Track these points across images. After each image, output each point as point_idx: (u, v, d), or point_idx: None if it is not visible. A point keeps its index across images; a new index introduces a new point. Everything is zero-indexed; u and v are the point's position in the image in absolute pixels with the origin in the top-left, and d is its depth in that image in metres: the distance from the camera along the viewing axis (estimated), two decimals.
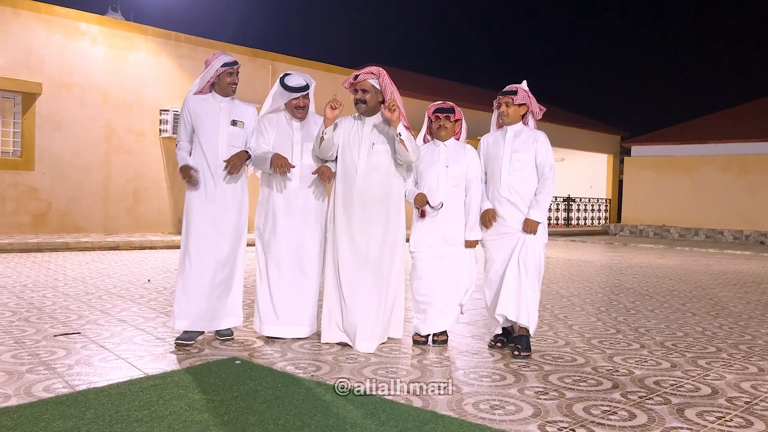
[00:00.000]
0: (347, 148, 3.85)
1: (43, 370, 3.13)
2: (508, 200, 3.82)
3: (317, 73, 13.84)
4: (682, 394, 3.06)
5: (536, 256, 3.80)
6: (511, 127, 3.92)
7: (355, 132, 3.86)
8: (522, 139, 3.87)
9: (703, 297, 6.48)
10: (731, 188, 17.36)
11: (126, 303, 5.06)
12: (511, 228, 3.81)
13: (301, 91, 3.89)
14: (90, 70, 10.70)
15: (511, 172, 3.82)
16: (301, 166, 3.89)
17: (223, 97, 3.88)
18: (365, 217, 3.77)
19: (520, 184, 3.81)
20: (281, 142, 3.90)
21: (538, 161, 3.83)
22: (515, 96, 3.86)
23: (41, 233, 10.07)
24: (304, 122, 3.99)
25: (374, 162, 3.79)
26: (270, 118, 3.96)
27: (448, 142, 4.00)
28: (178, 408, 2.60)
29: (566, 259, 10.42)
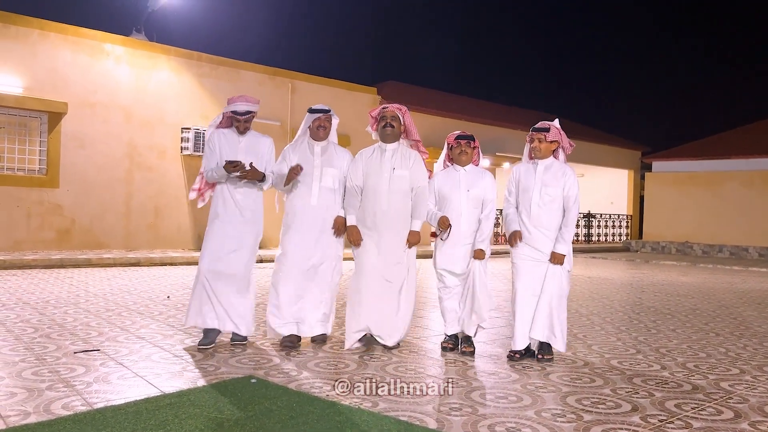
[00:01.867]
0: (371, 174, 4.34)
1: (62, 387, 3.17)
2: (538, 229, 4.14)
3: (337, 91, 14.00)
4: (704, 417, 2.99)
5: (562, 283, 4.14)
6: (542, 162, 4.21)
7: (377, 159, 4.38)
8: (551, 173, 4.17)
9: (727, 316, 6.35)
10: (755, 204, 17.06)
11: (145, 320, 5.11)
12: (539, 254, 4.13)
13: (322, 112, 4.43)
14: (114, 90, 10.94)
15: (541, 205, 4.14)
16: (320, 188, 4.36)
17: (241, 134, 4.39)
18: (389, 233, 4.28)
19: (548, 216, 4.13)
20: (304, 165, 4.34)
21: (565, 194, 4.14)
22: (548, 133, 4.15)
23: (65, 249, 10.25)
24: (325, 148, 4.47)
25: (395, 185, 4.30)
26: (294, 145, 4.50)
27: (468, 167, 4.41)
28: (193, 428, 2.62)
29: (586, 277, 10.30)
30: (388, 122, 4.36)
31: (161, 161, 11.46)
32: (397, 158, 4.35)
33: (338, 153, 4.49)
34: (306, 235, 4.32)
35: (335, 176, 4.40)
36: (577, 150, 19.12)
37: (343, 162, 4.46)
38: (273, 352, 4.09)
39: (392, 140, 4.39)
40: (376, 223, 4.28)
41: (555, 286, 4.09)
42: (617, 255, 16.75)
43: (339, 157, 4.47)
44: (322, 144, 4.46)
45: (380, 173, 4.32)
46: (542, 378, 3.66)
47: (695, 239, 17.97)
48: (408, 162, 4.37)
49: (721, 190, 17.69)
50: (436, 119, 16.04)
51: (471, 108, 18.59)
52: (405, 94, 16.86)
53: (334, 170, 4.41)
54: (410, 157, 4.39)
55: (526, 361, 4.09)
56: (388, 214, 4.28)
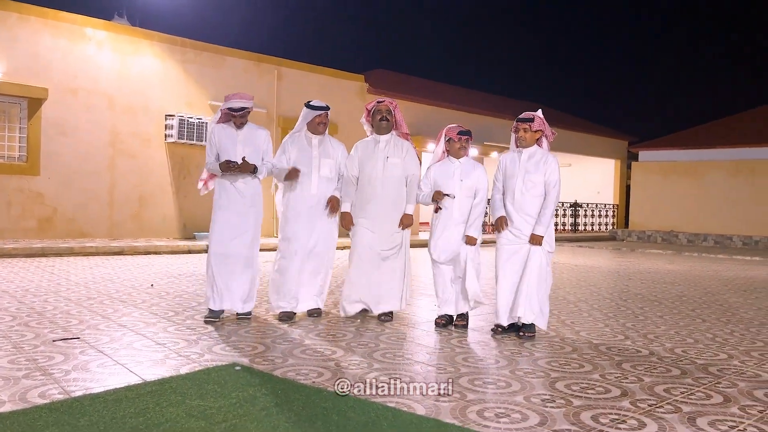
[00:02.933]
0: (366, 162, 4.77)
1: (39, 375, 3.08)
2: (520, 214, 4.38)
3: (324, 79, 13.85)
4: (693, 401, 2.97)
5: (542, 263, 4.34)
6: (527, 150, 4.44)
7: (372, 149, 4.81)
8: (534, 161, 4.39)
9: (713, 303, 6.37)
10: (739, 193, 17.20)
11: (128, 308, 5.01)
12: (521, 238, 4.37)
13: (322, 110, 4.80)
14: (95, 76, 10.73)
15: (524, 192, 4.37)
16: (318, 177, 4.77)
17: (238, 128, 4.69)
18: (383, 216, 4.71)
19: (530, 202, 4.36)
20: (303, 157, 4.76)
21: (546, 181, 4.35)
22: (532, 123, 4.37)
23: (47, 238, 10.08)
24: (322, 140, 4.86)
25: (389, 172, 4.73)
26: (293, 138, 4.87)
27: (462, 159, 4.72)
28: (175, 415, 2.54)
29: (573, 265, 10.32)
30: (384, 116, 4.76)
31: (145, 149, 11.29)
32: (391, 148, 4.77)
33: (333, 144, 4.92)
34: (306, 221, 4.75)
35: (332, 166, 4.83)
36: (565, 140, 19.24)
37: (338, 152, 4.90)
38: (258, 340, 4.02)
39: (386, 132, 4.80)
40: (372, 207, 4.72)
41: (535, 266, 4.30)
42: (603, 244, 16.83)
43: (335, 148, 4.90)
44: (319, 137, 4.84)
45: (375, 162, 4.74)
46: (531, 363, 3.63)
47: (680, 228, 18.10)
48: (401, 151, 4.78)
49: (707, 180, 17.81)
50: (424, 108, 15.96)
51: (459, 97, 18.52)
52: (393, 83, 16.75)
53: (331, 161, 4.83)
54: (403, 148, 4.80)
55: (515, 347, 4.06)
56: (382, 198, 4.71)
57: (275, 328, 4.42)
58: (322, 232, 4.80)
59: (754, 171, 17.04)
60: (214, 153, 4.66)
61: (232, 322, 4.57)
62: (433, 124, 15.67)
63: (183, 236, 11.60)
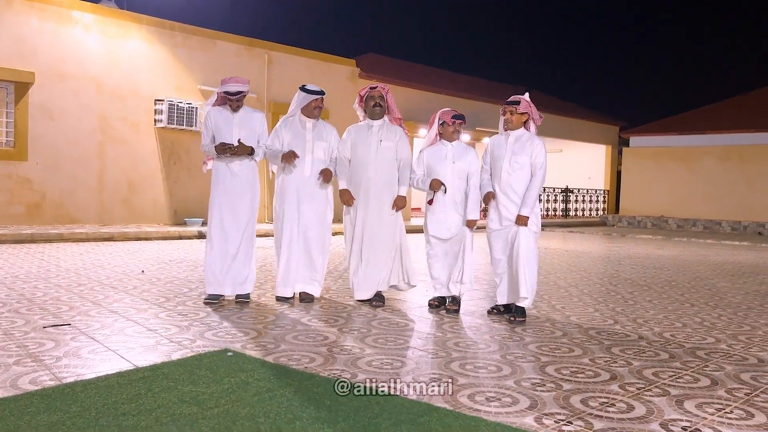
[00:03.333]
0: (359, 146, 4.85)
1: (30, 362, 3.07)
2: (506, 196, 4.49)
3: (315, 63, 13.75)
4: (681, 385, 3.01)
5: (529, 243, 4.45)
6: (514, 132, 4.55)
7: (364, 133, 4.88)
8: (521, 143, 4.50)
9: (702, 288, 6.44)
10: (730, 179, 17.32)
11: (119, 294, 5.00)
12: (508, 220, 4.50)
13: (319, 94, 4.85)
14: (83, 60, 10.59)
15: (510, 172, 4.48)
16: (312, 160, 4.84)
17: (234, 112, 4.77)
18: (377, 199, 4.79)
19: (517, 183, 4.47)
20: (297, 140, 4.83)
21: (532, 163, 4.46)
22: (518, 106, 4.49)
23: (35, 224, 10.00)
24: (316, 124, 4.92)
25: (381, 155, 4.81)
26: (287, 122, 4.93)
27: (455, 143, 4.84)
28: (167, 401, 2.55)
29: (564, 250, 10.38)
30: (377, 102, 4.83)
31: (135, 134, 11.18)
32: (383, 132, 4.85)
33: (326, 128, 4.99)
34: (301, 203, 4.83)
35: (326, 149, 4.90)
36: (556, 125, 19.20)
37: (331, 136, 4.97)
38: (250, 325, 4.03)
39: (379, 117, 4.89)
40: (365, 190, 4.80)
41: (523, 246, 4.42)
42: (594, 229, 16.92)
43: (328, 131, 4.97)
44: (313, 120, 4.91)
45: (368, 145, 4.82)
46: (521, 348, 3.65)
47: (670, 214, 18.22)
48: (393, 136, 4.86)
49: (697, 166, 17.91)
50: (416, 93, 15.89)
51: (451, 82, 18.44)
52: (384, 67, 16.65)
53: (325, 143, 4.90)
54: (395, 132, 4.89)
55: (506, 332, 4.09)
56: (375, 181, 4.80)
57: (267, 314, 4.43)
58: (315, 213, 4.88)
59: (743, 156, 17.15)
60: (210, 136, 4.75)
61: (224, 307, 4.57)
62: (425, 109, 15.62)
63: (173, 222, 11.55)
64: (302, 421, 2.37)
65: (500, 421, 2.45)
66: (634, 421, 2.51)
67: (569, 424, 2.46)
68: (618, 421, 2.50)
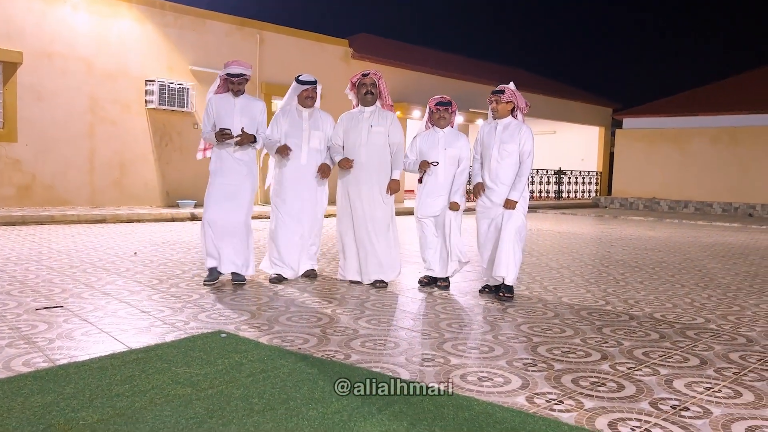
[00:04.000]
0: (351, 131, 4.92)
1: (23, 344, 3.06)
2: (495, 182, 4.62)
3: (307, 43, 13.61)
4: (671, 365, 3.05)
5: (517, 224, 4.56)
6: (502, 121, 4.66)
7: (357, 119, 4.94)
8: (509, 132, 4.62)
9: (692, 269, 6.49)
10: (721, 160, 17.39)
11: (111, 276, 4.99)
12: (497, 204, 4.62)
13: (309, 84, 4.94)
14: (72, 39, 10.43)
15: (499, 160, 4.60)
16: (308, 149, 4.96)
17: (236, 97, 4.80)
18: (369, 183, 4.84)
19: (505, 170, 4.59)
20: (293, 129, 4.96)
21: (520, 150, 4.58)
22: (502, 95, 4.62)
23: (26, 206, 9.93)
24: (312, 113, 5.03)
25: (373, 139, 4.87)
26: (284, 111, 5.04)
27: (446, 129, 4.97)
28: (161, 382, 2.56)
29: (556, 232, 10.42)
30: (369, 89, 4.89)
31: (125, 115, 11.07)
32: (375, 117, 4.92)
33: (323, 117, 5.08)
34: (297, 190, 4.96)
35: (321, 138, 5.01)
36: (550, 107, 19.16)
37: (327, 125, 5.06)
38: (244, 307, 4.03)
39: (371, 104, 4.94)
40: (357, 174, 4.87)
41: (512, 229, 4.52)
42: (586, 211, 16.99)
43: (324, 120, 5.07)
44: (309, 110, 5.01)
45: (359, 130, 4.89)
46: (514, 329, 3.68)
47: (662, 195, 18.30)
48: (385, 121, 4.91)
49: (689, 147, 17.96)
50: (409, 73, 15.79)
51: (444, 63, 18.33)
52: (377, 48, 16.50)
53: (321, 133, 5.01)
54: (387, 117, 4.94)
55: (499, 313, 4.12)
56: (367, 165, 4.85)
57: (260, 295, 4.43)
58: (311, 200, 5.02)
59: (735, 138, 17.20)
60: (211, 123, 4.78)
61: (217, 289, 4.58)
62: (418, 90, 15.54)
63: (166, 204, 11.50)
64: (296, 401, 2.39)
65: (492, 401, 2.47)
66: (624, 400, 2.54)
67: (560, 403, 2.49)
68: (608, 400, 2.54)
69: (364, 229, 4.87)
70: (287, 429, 2.14)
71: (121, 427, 2.11)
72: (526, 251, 7.49)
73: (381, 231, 4.88)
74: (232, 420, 2.20)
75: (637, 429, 2.26)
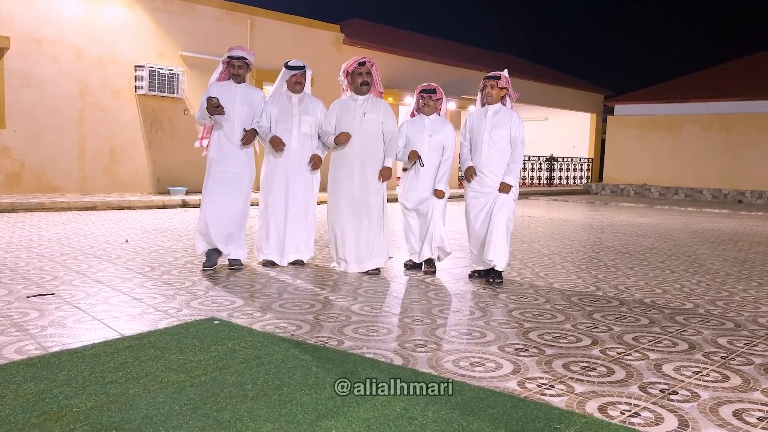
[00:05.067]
0: (344, 118, 4.89)
1: (15, 331, 3.06)
2: (487, 167, 4.65)
3: (299, 29, 13.50)
4: (660, 349, 3.09)
5: (510, 210, 4.63)
6: (492, 107, 4.70)
7: (350, 107, 4.92)
8: (500, 117, 4.66)
9: (682, 255, 6.55)
10: (712, 147, 17.48)
11: (102, 263, 4.97)
12: (489, 188, 4.66)
13: (298, 69, 4.95)
14: (61, 25, 10.29)
15: (491, 145, 4.64)
16: (299, 134, 4.97)
17: (237, 84, 4.88)
18: (361, 169, 4.84)
19: (497, 155, 4.63)
20: (283, 115, 4.96)
21: (512, 136, 4.62)
22: (498, 81, 4.64)
23: (15, 193, 9.85)
24: (302, 99, 5.04)
25: (365, 126, 4.86)
26: (274, 98, 5.03)
27: (432, 116, 5.04)
28: (154, 369, 2.56)
29: (548, 218, 10.47)
30: (365, 80, 4.86)
31: (115, 101, 10.97)
32: (368, 105, 4.90)
33: (313, 102, 5.08)
34: (288, 175, 4.96)
35: (312, 123, 5.01)
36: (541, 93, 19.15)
37: (317, 110, 5.06)
38: (236, 294, 4.04)
39: (366, 93, 4.93)
40: (350, 161, 4.86)
41: (504, 214, 4.58)
42: (578, 197, 17.06)
43: (314, 105, 5.07)
44: (299, 95, 5.02)
45: (352, 117, 4.87)
46: (505, 314, 3.71)
47: (653, 182, 18.40)
48: (378, 108, 4.91)
49: (680, 134, 18.03)
50: (401, 59, 15.71)
51: (437, 49, 18.24)
52: (369, 33, 16.39)
53: (311, 117, 5.01)
54: (380, 105, 4.94)
55: (490, 299, 4.15)
56: (360, 153, 4.85)
57: (253, 282, 4.44)
58: (302, 186, 5.03)
59: (726, 125, 17.28)
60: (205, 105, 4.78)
61: (210, 276, 4.58)
62: (410, 77, 15.47)
63: (157, 191, 11.44)
64: (289, 387, 2.41)
65: (484, 386, 2.50)
66: (614, 385, 2.58)
67: (551, 387, 2.52)
68: (598, 385, 2.57)
69: (356, 216, 4.86)
70: (281, 415, 2.15)
71: (114, 414, 2.12)
72: (517, 238, 7.52)
73: (373, 218, 4.88)
74: (226, 406, 2.21)
75: (626, 412, 2.29)
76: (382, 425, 2.08)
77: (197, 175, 10.85)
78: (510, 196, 4.61)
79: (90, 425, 2.03)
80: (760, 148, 16.72)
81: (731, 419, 2.26)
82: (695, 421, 2.23)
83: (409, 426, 2.08)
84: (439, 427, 2.08)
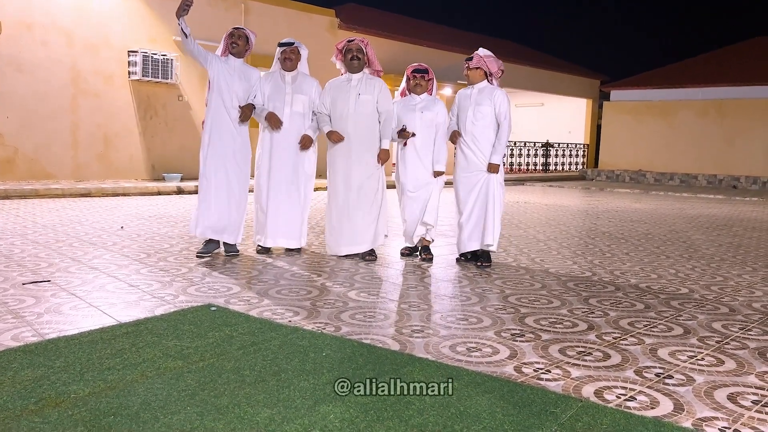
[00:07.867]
0: (338, 100, 4.85)
1: (11, 318, 3.05)
2: (471, 144, 4.73)
3: (293, 13, 13.39)
4: (656, 334, 3.11)
5: (499, 190, 4.71)
6: (477, 85, 4.78)
7: (344, 87, 4.87)
8: (484, 95, 4.73)
9: (677, 240, 6.58)
10: (708, 133, 17.50)
11: (98, 250, 4.95)
12: (475, 167, 4.72)
13: (288, 45, 4.90)
14: (52, 9, 10.17)
15: (474, 122, 4.71)
16: (291, 112, 4.89)
17: (236, 59, 4.87)
18: (357, 151, 4.81)
19: (480, 132, 4.70)
20: (276, 93, 4.90)
21: (496, 112, 4.67)
22: (470, 62, 4.75)
23: (8, 180, 9.78)
24: (295, 77, 4.96)
25: (361, 108, 4.81)
26: (267, 76, 4.99)
27: (423, 95, 5.03)
28: (152, 355, 2.56)
29: (543, 204, 10.48)
30: (354, 54, 4.81)
31: (108, 87, 10.88)
32: (363, 85, 4.84)
33: (307, 81, 5.00)
34: (281, 155, 4.91)
35: (305, 102, 4.92)
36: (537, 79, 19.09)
37: (311, 89, 4.97)
38: (233, 280, 4.03)
39: (358, 70, 4.87)
40: (346, 145, 4.82)
41: (494, 195, 4.66)
42: (573, 183, 17.07)
43: (309, 84, 4.98)
44: (292, 74, 4.95)
45: (347, 99, 4.82)
46: (501, 300, 3.72)
47: (648, 168, 18.42)
48: (373, 89, 4.85)
49: (676, 120, 18.03)
50: (397, 44, 15.62)
51: (432, 34, 18.13)
52: (365, 18, 16.27)
53: (304, 96, 4.92)
54: (375, 85, 4.87)
55: (487, 284, 4.16)
56: (355, 134, 4.81)
57: (250, 269, 4.43)
58: (293, 166, 4.94)
59: (721, 111, 17.29)
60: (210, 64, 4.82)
61: (207, 263, 4.57)
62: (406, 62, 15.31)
63: (152, 177, 11.38)
64: (287, 373, 2.41)
65: (481, 371, 2.51)
66: (609, 369, 2.59)
67: (547, 372, 2.53)
68: (594, 369, 2.58)
69: (352, 199, 4.83)
70: (279, 400, 2.16)
71: (112, 400, 2.12)
72: (513, 224, 7.53)
73: (370, 201, 4.86)
74: (224, 392, 2.22)
75: (622, 396, 2.30)
76: (379, 410, 2.09)
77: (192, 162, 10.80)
78: (499, 178, 4.69)
79: (88, 411, 2.03)
80: (755, 134, 16.75)
81: (726, 402, 2.28)
82: (690, 405, 2.24)
83: (406, 410, 2.09)
84: (436, 411, 2.10)
